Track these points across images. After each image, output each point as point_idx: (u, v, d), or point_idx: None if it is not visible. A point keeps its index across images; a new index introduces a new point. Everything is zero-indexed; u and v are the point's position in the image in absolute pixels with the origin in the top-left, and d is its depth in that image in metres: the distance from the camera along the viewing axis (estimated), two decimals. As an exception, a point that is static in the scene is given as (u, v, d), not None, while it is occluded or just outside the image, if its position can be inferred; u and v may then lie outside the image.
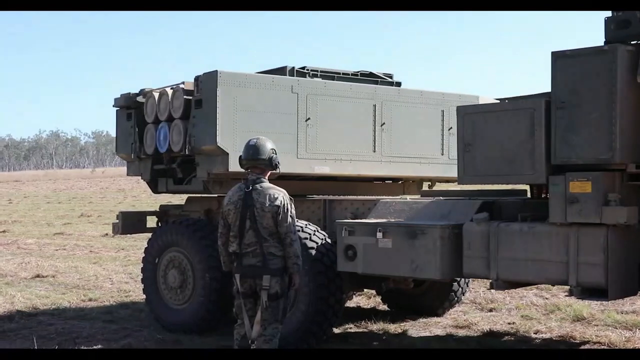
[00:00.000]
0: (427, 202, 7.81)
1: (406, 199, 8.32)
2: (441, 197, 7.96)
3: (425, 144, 9.62)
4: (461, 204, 7.46)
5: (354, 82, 9.45)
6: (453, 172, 9.16)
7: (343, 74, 9.68)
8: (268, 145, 6.25)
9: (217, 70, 8.41)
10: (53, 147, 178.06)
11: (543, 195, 7.27)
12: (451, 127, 9.38)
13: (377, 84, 9.65)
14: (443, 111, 9.66)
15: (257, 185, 6.14)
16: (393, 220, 7.61)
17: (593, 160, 6.44)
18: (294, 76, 9.18)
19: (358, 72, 9.82)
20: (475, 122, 7.12)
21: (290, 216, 6.11)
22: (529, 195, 7.79)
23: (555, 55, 6.61)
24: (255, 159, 6.20)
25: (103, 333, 8.91)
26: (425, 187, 10.32)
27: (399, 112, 9.43)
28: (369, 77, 9.82)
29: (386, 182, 10.23)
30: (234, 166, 8.35)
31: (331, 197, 8.90)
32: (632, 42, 6.53)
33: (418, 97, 9.61)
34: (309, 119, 8.85)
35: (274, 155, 6.23)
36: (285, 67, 9.28)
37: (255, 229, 6.05)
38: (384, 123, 9.29)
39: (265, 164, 6.20)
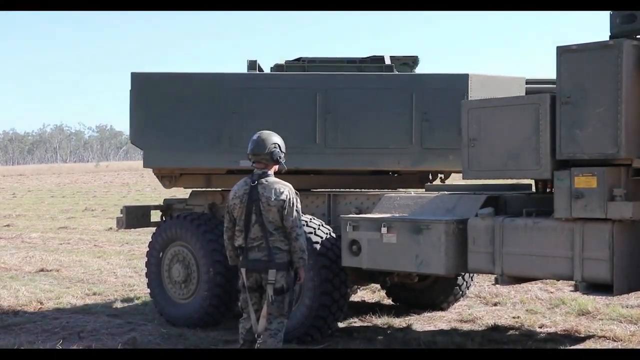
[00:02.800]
0: (431, 197, 7.81)
1: (411, 193, 8.30)
2: (446, 192, 7.95)
3: (388, 132, 8.48)
4: (466, 199, 7.46)
5: (300, 72, 9.00)
6: (426, 164, 8.47)
7: (348, 61, 9.24)
8: (271, 139, 6.22)
9: (131, 73, 8.84)
10: (57, 141, 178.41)
11: (548, 190, 7.26)
12: (426, 112, 8.37)
13: (373, 71, 8.95)
14: (413, 94, 8.40)
15: (263, 180, 6.13)
16: (397, 215, 7.60)
17: (598, 155, 6.43)
18: (256, 70, 9.13)
19: (368, 57, 9.28)
20: (480, 117, 7.11)
21: (296, 210, 6.11)
22: (533, 189, 7.78)
23: (561, 49, 6.59)
24: (257, 154, 6.18)
25: (107, 327, 8.92)
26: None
27: (351, 99, 8.51)
28: (375, 64, 9.14)
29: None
30: (147, 163, 9.05)
31: (335, 191, 8.87)
32: (637, 37, 6.51)
33: (376, 82, 8.61)
34: (233, 112, 8.70)
35: (276, 150, 6.19)
36: (254, 61, 9.26)
37: (260, 223, 6.05)
38: (329, 112, 8.51)
39: (266, 159, 6.18)
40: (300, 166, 8.53)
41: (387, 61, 9.18)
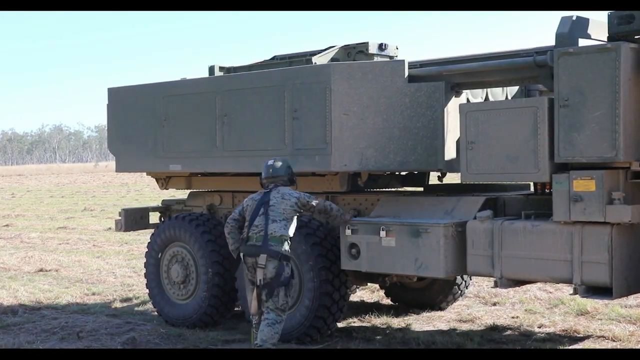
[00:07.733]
0: (430, 199, 7.82)
1: (409, 194, 8.29)
2: (444, 194, 7.95)
3: (266, 133, 8.22)
4: (465, 201, 7.46)
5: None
6: (297, 166, 7.80)
7: (310, 54, 8.89)
8: (285, 164, 7.26)
9: (108, 88, 9.84)
10: (56, 141, 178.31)
11: (547, 190, 7.22)
12: (296, 110, 7.96)
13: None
14: (284, 91, 8.04)
15: (275, 189, 7.14)
16: (396, 218, 7.59)
17: (597, 158, 6.42)
18: (214, 75, 9.45)
19: (325, 49, 8.95)
20: (479, 120, 7.10)
21: (313, 199, 7.19)
22: (532, 189, 7.77)
23: (559, 53, 6.59)
24: (276, 176, 7.19)
25: (106, 327, 8.94)
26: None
27: (241, 100, 8.42)
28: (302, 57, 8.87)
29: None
30: (118, 168, 9.87)
31: (334, 192, 8.84)
32: (636, 37, 6.51)
33: (259, 80, 8.40)
34: (164, 120, 9.17)
35: (293, 173, 7.29)
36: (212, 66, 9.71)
37: (265, 214, 6.86)
38: (225, 115, 8.53)
39: (283, 180, 7.21)
40: (204, 169, 8.99)
41: (332, 53, 8.88)
